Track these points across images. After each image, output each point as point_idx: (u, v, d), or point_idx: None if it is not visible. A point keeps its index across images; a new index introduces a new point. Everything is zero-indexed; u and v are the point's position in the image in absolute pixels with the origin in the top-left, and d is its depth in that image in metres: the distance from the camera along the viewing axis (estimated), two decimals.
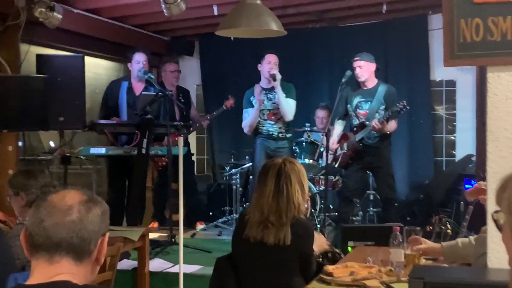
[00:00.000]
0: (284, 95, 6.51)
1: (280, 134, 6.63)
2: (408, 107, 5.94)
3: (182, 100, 7.02)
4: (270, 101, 6.58)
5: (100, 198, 1.74)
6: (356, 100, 6.23)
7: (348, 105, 6.29)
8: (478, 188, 2.97)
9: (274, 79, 6.44)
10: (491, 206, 1.80)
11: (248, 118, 6.65)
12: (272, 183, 3.18)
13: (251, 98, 6.64)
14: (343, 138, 6.41)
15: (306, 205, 3.30)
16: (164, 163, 6.78)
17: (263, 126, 6.64)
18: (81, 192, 1.70)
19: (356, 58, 6.13)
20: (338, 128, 6.49)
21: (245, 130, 6.76)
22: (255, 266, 3.20)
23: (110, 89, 6.56)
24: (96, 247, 1.67)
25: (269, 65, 6.49)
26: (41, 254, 1.62)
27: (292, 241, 3.10)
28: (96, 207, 1.69)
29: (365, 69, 6.11)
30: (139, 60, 6.41)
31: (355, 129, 6.27)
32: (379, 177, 6.33)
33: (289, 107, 6.52)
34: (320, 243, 3.41)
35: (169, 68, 7.22)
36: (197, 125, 6.96)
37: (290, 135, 6.75)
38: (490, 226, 2.19)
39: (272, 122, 6.62)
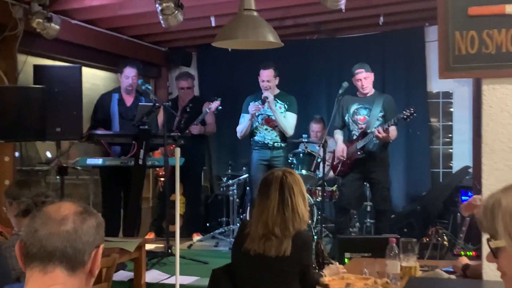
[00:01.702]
0: (283, 109, 6.54)
1: (276, 144, 6.62)
2: (415, 114, 5.92)
3: (188, 110, 7.04)
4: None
5: (95, 211, 1.74)
6: (353, 107, 6.22)
7: (346, 115, 6.27)
8: (473, 202, 2.95)
9: (263, 103, 6.48)
10: None
11: (241, 125, 6.70)
12: (276, 196, 3.18)
13: (251, 104, 6.66)
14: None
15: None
16: (163, 172, 6.85)
17: (259, 133, 6.65)
18: (76, 204, 1.71)
19: (360, 70, 6.13)
20: (339, 137, 6.43)
21: (238, 134, 6.81)
22: (254, 278, 3.20)
23: (100, 102, 6.53)
24: (90, 259, 1.66)
25: (263, 83, 6.53)
26: (35, 264, 1.62)
27: (292, 252, 3.10)
28: (91, 218, 1.69)
29: (369, 80, 6.16)
30: (128, 76, 6.41)
31: (354, 137, 6.24)
32: (375, 190, 6.30)
33: (287, 122, 6.55)
34: (335, 272, 3.26)
35: (178, 85, 7.35)
36: (187, 131, 6.93)
37: (286, 144, 6.73)
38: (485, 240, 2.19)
39: (270, 129, 6.63)
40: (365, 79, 6.13)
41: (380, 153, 6.20)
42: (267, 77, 6.52)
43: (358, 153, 6.16)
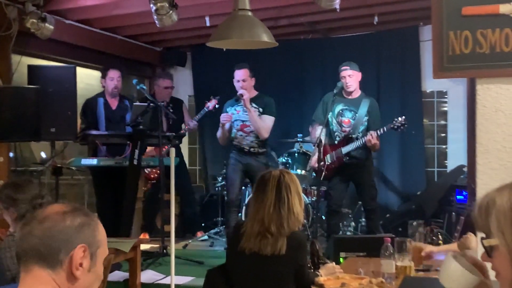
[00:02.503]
0: (257, 113, 6.27)
1: (252, 149, 6.35)
2: (406, 125, 5.88)
3: (171, 111, 7.01)
4: (245, 113, 6.29)
5: (89, 211, 1.72)
6: (338, 107, 6.13)
7: (330, 113, 6.12)
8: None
9: (237, 100, 6.33)
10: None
11: (218, 132, 6.49)
12: (273, 194, 3.19)
13: (228, 109, 6.47)
14: (325, 150, 6.13)
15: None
16: (155, 175, 6.84)
17: (236, 138, 6.39)
18: (67, 205, 1.70)
19: (344, 67, 6.06)
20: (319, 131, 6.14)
21: (219, 141, 6.61)
22: (249, 277, 3.20)
23: (86, 107, 6.43)
24: (67, 258, 1.63)
25: (238, 83, 6.26)
26: (20, 264, 1.64)
27: (287, 252, 3.11)
28: (74, 217, 1.66)
29: (354, 79, 6.06)
30: (112, 77, 6.36)
31: (337, 139, 6.17)
32: (362, 190, 6.21)
33: (263, 124, 6.24)
34: (331, 271, 3.25)
35: (162, 84, 7.22)
36: (181, 131, 6.92)
37: (265, 150, 6.45)
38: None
39: (244, 135, 6.35)
40: (349, 76, 6.02)
41: (365, 158, 6.14)
42: (242, 76, 6.25)
43: (344, 159, 6.11)
